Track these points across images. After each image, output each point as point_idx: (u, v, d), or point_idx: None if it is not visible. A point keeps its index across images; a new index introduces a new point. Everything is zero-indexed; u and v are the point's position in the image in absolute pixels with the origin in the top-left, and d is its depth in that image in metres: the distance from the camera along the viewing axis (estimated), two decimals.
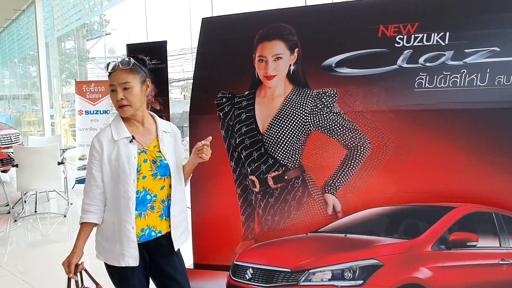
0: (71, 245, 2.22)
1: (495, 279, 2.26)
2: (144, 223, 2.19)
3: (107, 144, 2.18)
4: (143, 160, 2.18)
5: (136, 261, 2.17)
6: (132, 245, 2.15)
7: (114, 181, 2.17)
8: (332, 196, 2.47)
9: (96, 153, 2.18)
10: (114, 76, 2.17)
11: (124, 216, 2.14)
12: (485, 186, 2.22)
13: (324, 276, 2.33)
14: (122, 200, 2.14)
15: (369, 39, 2.42)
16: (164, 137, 2.26)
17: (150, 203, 2.19)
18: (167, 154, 2.23)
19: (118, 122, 2.24)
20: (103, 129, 2.25)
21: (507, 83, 2.19)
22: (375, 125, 2.38)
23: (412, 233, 2.33)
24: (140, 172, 2.16)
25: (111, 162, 2.17)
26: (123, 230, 2.15)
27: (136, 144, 2.19)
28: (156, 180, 2.20)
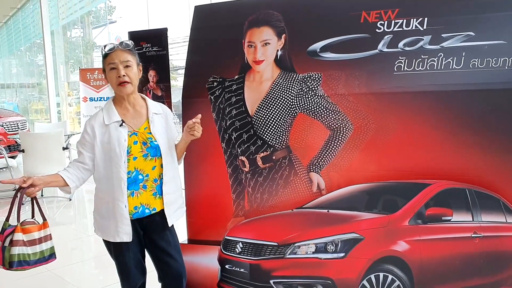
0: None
1: (468, 251, 2.38)
2: (137, 201, 2.31)
3: (99, 128, 2.30)
4: (133, 142, 2.29)
5: (129, 237, 2.31)
6: (126, 222, 2.29)
7: (107, 163, 2.29)
8: (316, 174, 2.59)
9: (87, 136, 2.30)
10: (114, 55, 2.25)
11: (117, 195, 2.27)
12: (459, 164, 2.33)
13: (308, 249, 2.46)
14: (115, 181, 2.27)
15: (352, 25, 2.52)
16: (154, 118, 2.36)
17: (142, 183, 2.32)
18: (158, 135, 2.34)
19: (110, 106, 2.35)
20: (96, 114, 2.36)
21: (481, 66, 2.29)
22: (357, 107, 2.49)
23: (391, 208, 2.45)
24: (130, 154, 2.27)
25: (104, 145, 2.28)
26: (116, 208, 2.28)
27: (126, 128, 2.29)
28: (147, 161, 2.31)
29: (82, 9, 11.60)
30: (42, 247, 2.26)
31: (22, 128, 8.68)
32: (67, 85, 13.93)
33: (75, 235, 5.16)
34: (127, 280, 2.43)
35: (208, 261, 2.81)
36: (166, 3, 10.69)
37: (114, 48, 2.27)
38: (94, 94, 7.98)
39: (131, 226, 2.31)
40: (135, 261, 2.41)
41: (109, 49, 2.27)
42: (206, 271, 2.81)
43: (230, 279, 2.68)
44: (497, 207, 2.32)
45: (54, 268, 4.06)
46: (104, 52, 2.29)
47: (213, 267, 2.77)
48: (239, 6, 2.84)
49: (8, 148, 8.01)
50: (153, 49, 5.43)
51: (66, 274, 3.96)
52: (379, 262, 2.39)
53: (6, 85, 22.41)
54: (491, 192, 2.30)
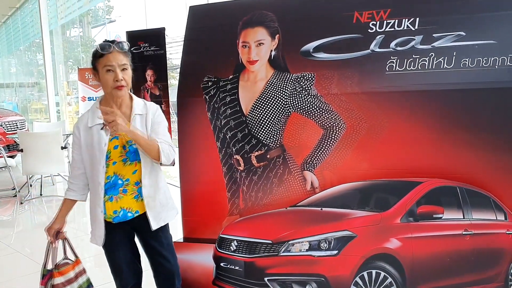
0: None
1: (459, 248, 2.41)
2: (116, 205, 2.28)
3: (83, 131, 2.27)
4: (113, 147, 2.23)
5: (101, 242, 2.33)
6: (100, 226, 2.30)
7: (90, 166, 2.28)
8: (310, 173, 2.62)
9: (76, 138, 2.31)
10: (112, 57, 2.15)
11: (94, 199, 2.29)
12: (450, 162, 2.36)
13: (302, 247, 2.49)
14: (95, 184, 2.26)
15: (344, 25, 2.55)
16: (136, 120, 2.27)
17: (122, 187, 2.27)
18: None
19: (96, 108, 2.29)
20: (83, 115, 2.33)
21: (472, 65, 2.32)
22: (349, 107, 2.52)
23: (383, 206, 2.48)
24: (110, 159, 2.23)
25: (88, 148, 2.26)
26: (94, 211, 2.32)
27: (107, 131, 2.21)
28: (127, 166, 2.26)
29: (81, 8, 11.61)
30: (79, 282, 2.47)
31: (21, 127, 8.70)
32: (66, 84, 13.94)
33: (74, 233, 5.19)
34: (118, 279, 2.45)
35: (203, 259, 2.83)
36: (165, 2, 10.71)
37: (111, 49, 2.17)
38: (93, 93, 8.00)
39: (104, 231, 2.31)
40: (126, 261, 2.42)
41: (105, 50, 2.17)
42: (202, 269, 2.84)
43: (225, 277, 2.71)
44: (488, 204, 2.36)
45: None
46: (99, 52, 2.19)
47: (208, 265, 2.80)
48: (233, 6, 2.87)
49: (7, 147, 8.04)
50: (151, 49, 5.45)
51: None
52: (371, 259, 2.41)
53: (5, 84, 22.43)
54: (482, 190, 2.33)
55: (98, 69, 2.22)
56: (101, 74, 2.21)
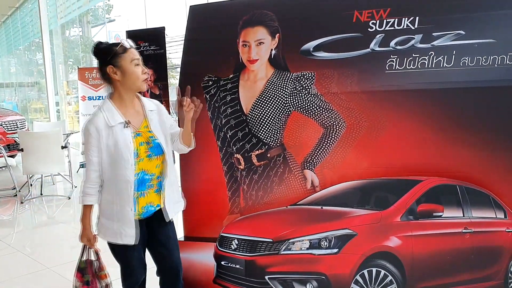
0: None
1: (459, 246, 2.42)
2: (144, 201, 2.31)
3: (104, 130, 2.23)
4: (139, 144, 2.26)
5: (134, 240, 2.29)
6: (130, 225, 2.28)
7: (112, 166, 2.24)
8: (310, 171, 2.63)
9: (94, 140, 2.23)
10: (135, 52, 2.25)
11: (124, 198, 2.25)
12: (450, 161, 2.37)
13: (302, 245, 2.50)
14: (122, 184, 2.24)
15: (344, 24, 2.55)
16: (151, 116, 2.34)
17: (149, 182, 2.31)
18: (157, 133, 2.32)
19: (110, 107, 2.28)
20: (95, 115, 2.28)
21: (471, 64, 2.32)
22: (349, 106, 2.53)
23: (383, 204, 2.49)
24: (138, 156, 2.25)
25: (109, 148, 2.23)
26: (122, 211, 2.26)
27: (130, 128, 2.26)
28: (152, 160, 2.30)
29: (80, 8, 11.62)
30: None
31: (21, 127, 8.70)
32: (66, 84, 13.95)
33: (74, 233, 5.18)
34: (130, 277, 2.44)
35: (204, 258, 2.85)
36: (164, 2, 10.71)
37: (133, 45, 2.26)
38: (93, 93, 8.01)
39: (135, 229, 2.30)
40: (138, 259, 2.42)
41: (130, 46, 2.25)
42: (202, 267, 2.85)
43: (225, 275, 2.72)
44: (487, 203, 2.36)
45: (54, 266, 4.11)
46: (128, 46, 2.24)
47: (209, 264, 2.81)
48: (233, 6, 2.88)
49: (7, 147, 8.04)
50: (150, 48, 5.45)
51: (66, 272, 4.00)
52: (371, 257, 2.43)
53: (5, 84, 22.43)
54: (481, 188, 2.34)
55: (122, 65, 2.23)
56: (127, 68, 2.23)
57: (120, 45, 2.23)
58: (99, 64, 2.32)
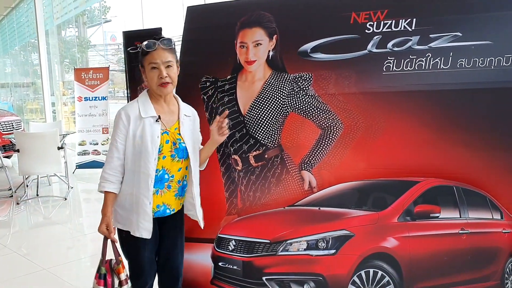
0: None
1: (456, 247, 2.43)
2: (160, 200, 2.30)
3: (134, 120, 2.24)
4: (165, 141, 2.26)
5: (149, 234, 2.28)
6: (147, 219, 2.26)
7: (136, 157, 2.24)
8: (308, 172, 2.64)
9: (123, 127, 2.24)
10: (156, 54, 2.20)
11: (142, 191, 2.24)
12: (447, 162, 2.38)
13: (300, 246, 2.51)
14: (142, 176, 2.23)
15: (342, 26, 2.56)
16: (185, 120, 2.34)
17: (168, 182, 2.30)
18: (186, 138, 2.32)
19: (146, 99, 2.30)
20: (131, 104, 2.30)
21: (468, 66, 2.34)
22: (347, 107, 2.54)
23: (380, 205, 2.50)
24: (161, 152, 2.25)
25: (135, 139, 2.23)
26: (140, 203, 2.25)
27: (160, 124, 2.26)
28: (174, 162, 2.29)
29: (77, 8, 11.59)
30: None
31: (17, 128, 8.67)
32: (62, 85, 13.91)
33: (71, 234, 5.19)
34: (138, 278, 2.41)
35: (202, 259, 2.85)
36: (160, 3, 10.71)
37: (156, 45, 2.21)
38: (89, 93, 7.99)
39: (152, 223, 2.29)
40: (149, 260, 2.40)
41: (149, 47, 2.22)
42: (200, 268, 2.85)
43: (223, 276, 2.72)
44: (484, 204, 2.38)
45: (50, 267, 4.10)
46: (144, 50, 2.23)
47: (207, 265, 2.81)
48: (231, 7, 2.89)
49: (3, 148, 8.01)
50: None
51: (62, 273, 3.99)
52: (369, 258, 2.44)
53: (0, 84, 22.35)
54: (478, 189, 2.35)
55: (145, 66, 2.26)
56: (147, 71, 2.25)
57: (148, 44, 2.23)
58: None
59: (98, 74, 8.04)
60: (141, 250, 2.34)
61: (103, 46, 15.36)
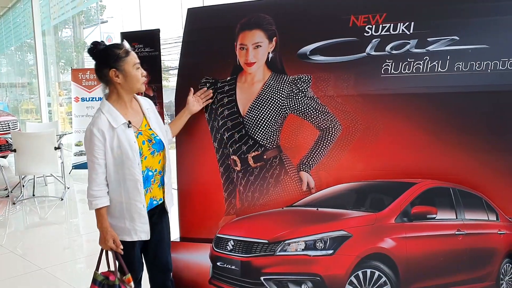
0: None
1: (452, 248, 2.46)
2: (149, 196, 2.37)
3: (108, 132, 2.26)
4: (141, 142, 2.30)
5: (148, 235, 2.34)
6: (144, 221, 2.32)
7: (118, 167, 2.26)
8: (306, 173, 2.66)
9: (99, 142, 2.24)
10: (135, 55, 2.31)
11: (134, 196, 2.28)
12: (443, 164, 2.40)
13: (298, 247, 2.53)
14: (130, 183, 2.26)
15: (341, 28, 2.59)
16: (149, 114, 2.41)
17: (153, 178, 2.37)
18: (156, 129, 2.38)
19: (110, 108, 2.31)
20: (98, 118, 2.29)
21: (465, 69, 2.36)
22: (345, 109, 2.56)
23: (378, 206, 2.52)
24: (142, 155, 2.29)
25: (114, 150, 2.25)
26: (134, 208, 2.29)
27: (132, 128, 2.30)
28: (155, 157, 2.36)
29: (74, 9, 11.58)
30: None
31: (13, 127, 8.65)
32: (58, 85, 13.88)
33: (67, 234, 5.19)
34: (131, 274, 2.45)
35: (200, 259, 2.86)
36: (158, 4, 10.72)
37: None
38: (86, 94, 7.99)
39: (149, 225, 2.33)
40: (138, 255, 2.48)
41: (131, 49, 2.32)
42: (198, 268, 2.86)
43: (221, 276, 2.73)
44: (480, 205, 2.41)
45: (46, 266, 4.10)
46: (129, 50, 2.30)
47: (205, 264, 2.82)
48: (231, 9, 2.91)
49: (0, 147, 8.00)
50: (145, 50, 5.46)
51: (58, 273, 4.00)
52: (366, 259, 2.45)
53: None
54: (474, 191, 2.38)
55: (125, 69, 2.28)
56: (130, 72, 2.29)
57: (123, 48, 2.27)
58: (98, 65, 2.32)
59: (95, 75, 8.02)
60: (131, 251, 2.41)
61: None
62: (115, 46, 2.29)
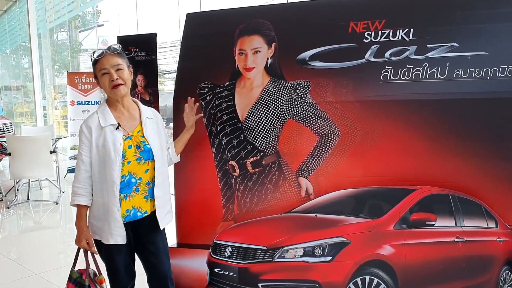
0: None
1: (451, 255, 2.45)
2: (129, 204, 2.34)
3: (95, 130, 2.31)
4: (127, 146, 2.32)
5: (124, 239, 2.33)
6: (118, 225, 2.32)
7: (101, 166, 2.30)
8: (305, 179, 2.65)
9: (85, 139, 2.32)
10: (105, 60, 2.29)
11: (110, 199, 2.29)
12: (442, 170, 2.40)
13: (296, 253, 2.51)
14: (108, 184, 2.29)
15: (340, 35, 2.59)
16: (147, 122, 2.41)
17: (135, 186, 2.34)
18: (150, 139, 2.37)
19: (105, 109, 2.37)
20: (91, 115, 2.37)
21: (464, 76, 2.37)
22: (344, 115, 2.55)
23: (376, 213, 2.52)
24: (125, 158, 2.30)
25: (98, 148, 2.30)
26: (110, 211, 2.30)
27: (121, 131, 2.32)
28: (141, 165, 2.35)
29: (70, 12, 11.55)
30: None
31: (7, 131, 8.61)
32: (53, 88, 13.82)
33: (61, 238, 5.15)
34: (116, 281, 2.47)
35: (197, 265, 2.84)
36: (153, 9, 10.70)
37: (103, 53, 2.30)
38: (82, 98, 7.95)
39: (124, 229, 2.34)
40: (124, 263, 2.45)
41: (98, 55, 2.31)
42: (195, 274, 2.84)
43: (218, 283, 2.71)
44: (479, 212, 2.40)
45: (41, 272, 4.06)
46: (93, 59, 2.33)
47: (202, 271, 2.80)
48: (230, 14, 2.90)
49: None
50: (141, 54, 5.45)
51: (52, 278, 3.96)
52: (365, 265, 2.44)
53: None
54: (473, 198, 2.38)
55: (97, 75, 2.35)
56: (99, 78, 2.34)
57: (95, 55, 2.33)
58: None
59: (91, 79, 8.00)
60: (114, 255, 2.40)
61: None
62: (92, 52, 2.34)
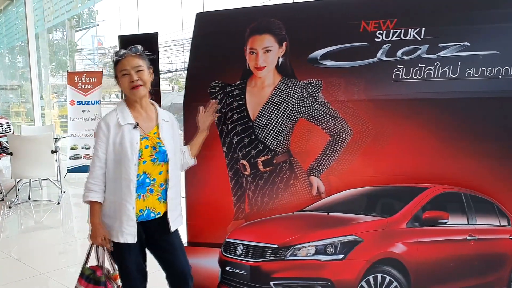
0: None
1: (463, 253, 2.47)
2: (143, 204, 2.35)
3: (113, 128, 2.33)
4: (144, 146, 2.33)
5: (134, 239, 2.33)
6: (131, 224, 2.32)
7: (116, 164, 2.32)
8: (316, 178, 2.65)
9: (103, 136, 2.33)
10: (126, 61, 2.32)
11: (125, 196, 2.30)
12: (455, 169, 2.42)
13: (308, 251, 2.52)
14: (124, 182, 2.29)
15: (351, 34, 2.59)
16: (163, 125, 2.42)
17: (149, 186, 2.35)
18: (166, 141, 2.39)
19: (124, 107, 2.39)
20: (110, 113, 2.39)
21: (476, 75, 2.38)
22: (356, 114, 2.56)
23: (389, 211, 2.53)
24: (141, 157, 2.31)
25: (115, 146, 2.31)
26: (123, 209, 2.31)
27: (139, 130, 2.34)
28: (155, 165, 2.35)
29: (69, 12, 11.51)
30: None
31: (6, 131, 8.57)
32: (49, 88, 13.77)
33: (62, 238, 5.13)
34: (128, 282, 2.46)
35: (208, 263, 2.84)
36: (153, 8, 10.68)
37: (125, 54, 2.33)
38: (82, 97, 7.93)
39: (136, 228, 2.34)
40: (136, 264, 2.44)
41: (119, 56, 2.33)
42: (206, 273, 2.84)
43: (230, 281, 2.72)
44: (491, 210, 2.42)
45: (44, 272, 4.05)
46: (115, 59, 2.36)
47: (213, 269, 2.81)
48: (240, 13, 2.90)
49: None
50: None
51: (54, 277, 3.95)
52: (377, 263, 2.46)
53: None
54: (486, 196, 2.39)
55: (118, 76, 2.38)
56: (119, 79, 2.36)
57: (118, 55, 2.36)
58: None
59: (91, 78, 7.98)
60: (126, 255, 2.40)
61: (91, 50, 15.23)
62: (114, 52, 2.35)
